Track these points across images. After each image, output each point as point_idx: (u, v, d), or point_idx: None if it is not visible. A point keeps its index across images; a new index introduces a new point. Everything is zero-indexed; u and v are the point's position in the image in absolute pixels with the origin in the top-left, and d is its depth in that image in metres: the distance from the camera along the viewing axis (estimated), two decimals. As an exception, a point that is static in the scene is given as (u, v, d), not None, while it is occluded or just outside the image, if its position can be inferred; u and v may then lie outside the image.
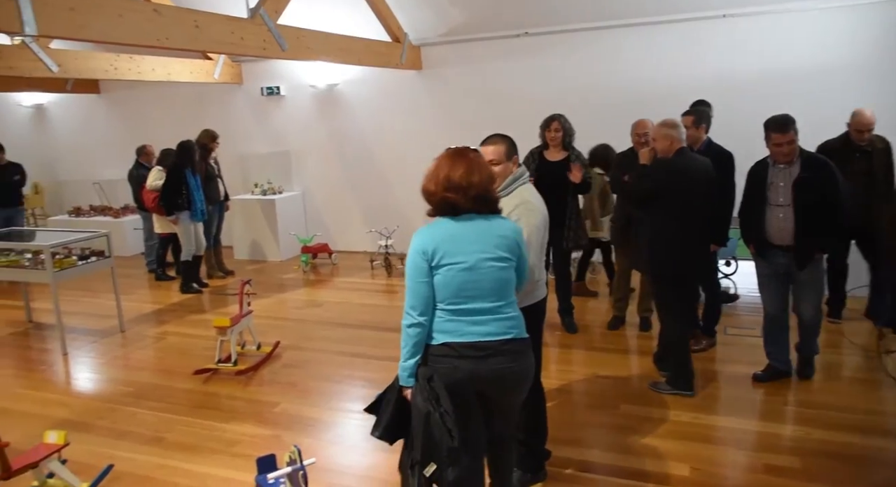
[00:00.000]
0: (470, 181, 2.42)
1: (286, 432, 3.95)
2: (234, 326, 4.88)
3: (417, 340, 2.45)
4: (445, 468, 2.32)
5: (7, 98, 10.88)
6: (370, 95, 8.38)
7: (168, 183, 6.91)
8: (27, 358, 5.48)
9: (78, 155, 10.65)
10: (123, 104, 10.13)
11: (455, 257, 2.40)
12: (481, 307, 2.43)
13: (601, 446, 3.63)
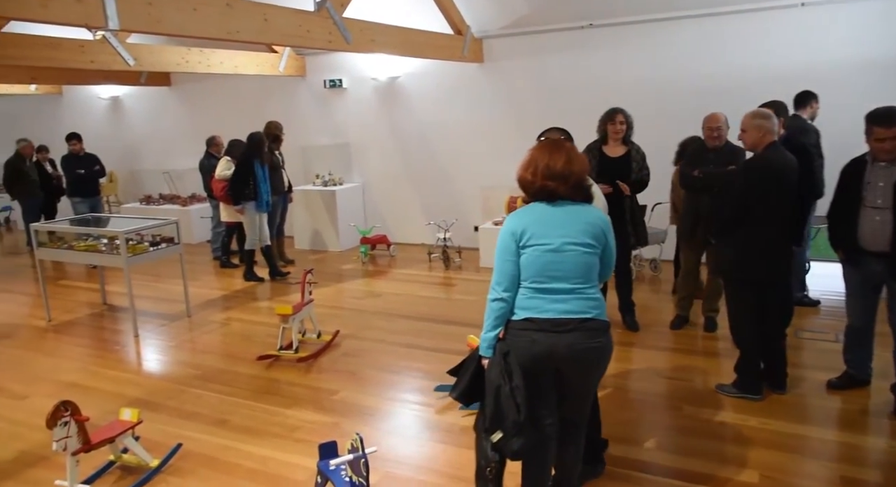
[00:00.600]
0: (571, 170, 2.56)
1: (345, 420, 4.01)
2: (295, 314, 4.98)
3: (499, 314, 2.59)
4: (510, 438, 2.46)
5: (87, 91, 11.41)
6: (431, 88, 8.39)
7: (237, 173, 7.09)
8: (103, 339, 5.73)
9: (149, 145, 11.07)
10: (193, 96, 10.47)
11: (542, 239, 2.53)
12: (563, 287, 2.54)
13: (662, 447, 3.54)
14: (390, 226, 8.94)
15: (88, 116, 11.57)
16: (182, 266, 6.18)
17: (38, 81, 9.78)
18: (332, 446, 2.98)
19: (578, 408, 2.76)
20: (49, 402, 4.22)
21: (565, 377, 2.62)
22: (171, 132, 10.79)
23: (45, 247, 6.20)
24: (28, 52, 6.07)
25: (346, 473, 2.84)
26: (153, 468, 3.46)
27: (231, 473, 3.45)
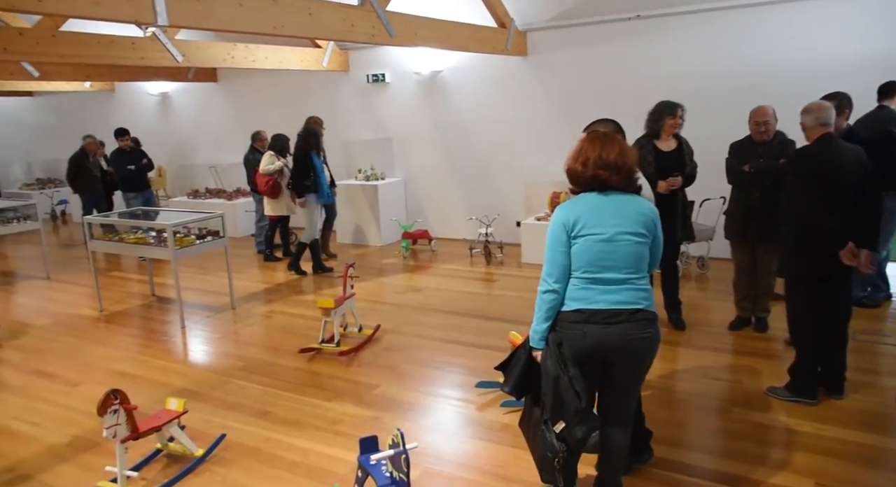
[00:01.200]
0: (624, 161, 2.57)
1: (385, 414, 4.00)
2: (337, 308, 5.00)
3: (551, 305, 2.59)
4: (573, 426, 2.50)
5: (138, 87, 11.71)
6: (474, 82, 8.33)
7: (296, 166, 7.15)
8: (151, 329, 5.87)
9: (196, 140, 11.31)
10: (238, 92, 10.64)
11: (594, 228, 2.52)
12: (615, 277, 2.53)
13: (709, 450, 3.43)
14: (432, 221, 8.93)
15: (139, 112, 11.88)
16: (227, 259, 6.28)
17: (92, 78, 10.07)
18: (373, 440, 2.97)
19: (624, 397, 2.75)
20: (100, 390, 4.34)
21: (613, 366, 2.61)
22: (217, 127, 11.00)
23: (97, 240, 6.38)
24: (83, 50, 6.23)
25: (386, 468, 2.83)
26: (198, 457, 3.51)
27: (273, 464, 3.48)
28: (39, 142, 14.01)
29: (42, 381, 4.74)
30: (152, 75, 9.96)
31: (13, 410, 4.28)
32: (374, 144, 9.17)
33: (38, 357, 5.23)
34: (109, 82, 11.69)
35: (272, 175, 7.42)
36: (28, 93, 13.18)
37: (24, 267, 8.64)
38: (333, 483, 3.26)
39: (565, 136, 7.34)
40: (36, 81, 9.30)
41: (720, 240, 6.06)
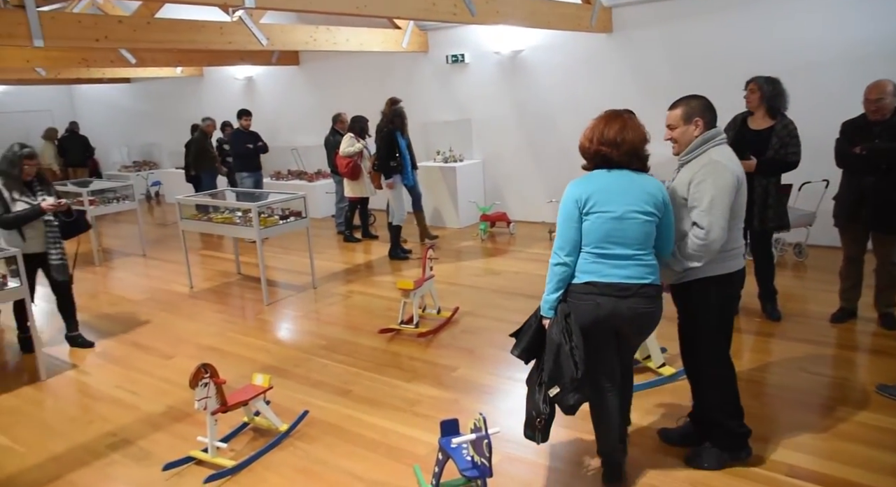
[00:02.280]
0: (623, 138, 2.69)
1: (465, 397, 3.97)
2: (416, 289, 5.00)
3: (561, 277, 2.75)
4: (567, 393, 2.67)
5: (224, 72, 12.11)
6: (556, 61, 8.11)
7: (382, 148, 7.12)
8: (237, 306, 6.08)
9: (279, 122, 11.57)
10: (319, 74, 10.80)
11: (605, 206, 2.66)
12: (624, 253, 2.68)
13: (812, 450, 3.20)
14: (510, 204, 8.81)
15: (225, 96, 12.29)
16: (309, 239, 6.41)
17: (183, 64, 10.48)
18: (454, 423, 2.94)
19: (629, 362, 3.06)
20: (191, 363, 4.50)
21: (622, 336, 2.83)
22: (299, 110, 11.22)
23: (187, 219, 6.64)
24: (176, 36, 6.45)
25: (467, 452, 2.79)
26: (282, 432, 3.60)
27: (354, 442, 3.51)
28: (136, 127, 14.76)
29: (139, 353, 4.99)
30: (238, 59, 10.26)
31: (116, 379, 4.53)
32: (453, 126, 9.11)
33: (135, 330, 5.51)
34: (199, 67, 12.15)
35: (352, 157, 7.49)
36: (126, 79, 13.88)
37: (122, 244, 9.15)
38: (413, 463, 3.26)
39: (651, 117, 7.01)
40: (132, 68, 9.76)
41: (821, 226, 5.67)
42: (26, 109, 15.05)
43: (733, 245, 2.87)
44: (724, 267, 2.88)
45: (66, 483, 3.29)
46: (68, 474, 3.37)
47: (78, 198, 8.11)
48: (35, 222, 4.69)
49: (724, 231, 2.74)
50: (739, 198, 2.83)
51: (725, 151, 2.85)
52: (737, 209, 2.83)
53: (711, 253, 2.78)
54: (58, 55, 8.41)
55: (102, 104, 15.32)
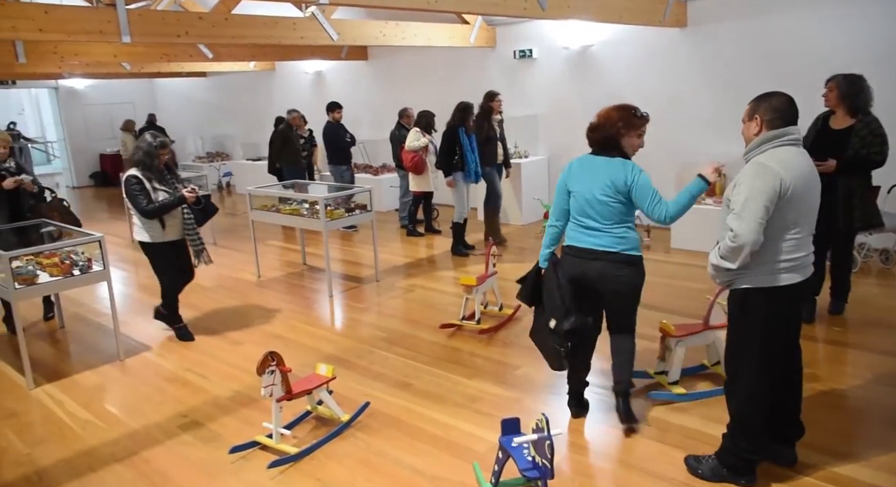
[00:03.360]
0: (598, 126, 3.29)
1: (526, 396, 3.94)
2: (479, 286, 4.99)
3: (552, 237, 3.45)
4: (560, 321, 3.22)
5: (295, 66, 12.38)
6: (626, 57, 7.92)
7: (442, 143, 7.12)
8: (302, 296, 6.21)
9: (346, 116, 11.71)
10: (387, 69, 10.91)
11: (576, 187, 3.31)
12: (593, 225, 3.26)
13: (884, 467, 3.01)
14: (574, 202, 8.67)
15: (296, 90, 12.58)
16: (373, 232, 6.49)
17: (257, 59, 10.77)
18: (515, 422, 2.91)
19: (623, 318, 3.44)
20: (258, 350, 4.62)
21: (601, 293, 3.33)
22: (366, 104, 11.36)
23: (256, 210, 6.83)
24: (251, 31, 6.63)
25: (528, 452, 2.77)
26: (344, 422, 3.65)
27: (414, 436, 3.54)
28: (210, 119, 15.30)
29: (210, 338, 5.17)
30: (309, 54, 10.46)
31: (187, 362, 4.71)
32: (519, 121, 9.02)
33: (206, 316, 5.72)
34: (271, 62, 12.47)
35: (417, 151, 7.53)
36: (202, 73, 14.39)
37: (195, 232, 9.49)
38: (473, 460, 3.25)
39: (726, 114, 6.81)
40: (209, 62, 10.11)
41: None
42: (111, 102, 15.84)
43: (787, 256, 2.70)
44: (773, 280, 2.72)
45: (141, 459, 3.45)
46: (143, 451, 3.52)
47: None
48: (174, 211, 4.83)
49: (755, 235, 2.61)
50: (793, 205, 2.64)
51: (783, 154, 2.67)
52: (792, 217, 2.66)
53: (743, 258, 2.66)
54: (142, 50, 8.79)
55: (180, 97, 15.95)
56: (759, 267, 2.73)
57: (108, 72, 11.89)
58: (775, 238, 2.68)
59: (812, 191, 2.71)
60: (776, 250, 2.69)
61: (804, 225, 2.71)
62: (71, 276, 4.60)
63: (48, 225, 5.32)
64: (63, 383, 4.45)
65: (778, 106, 2.71)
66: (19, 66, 9.29)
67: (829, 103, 4.43)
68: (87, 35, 5.50)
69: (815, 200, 2.74)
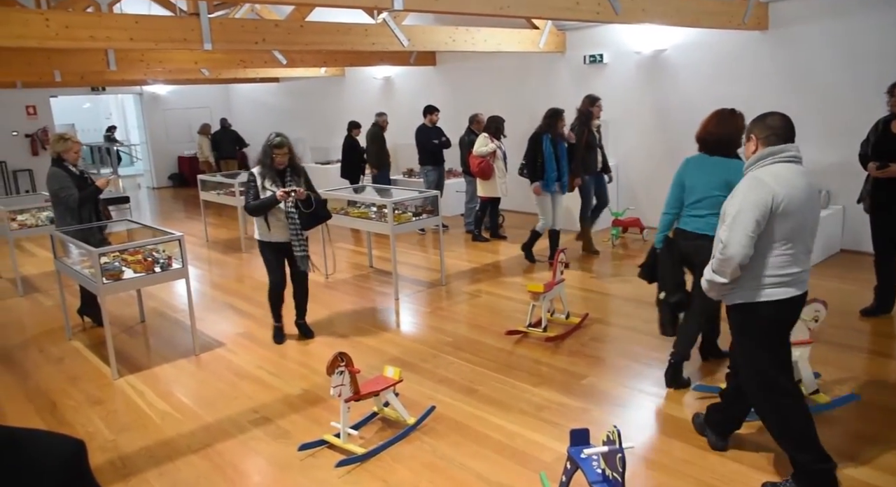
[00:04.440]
0: (713, 130, 3.79)
1: (594, 407, 3.86)
2: (546, 293, 4.93)
3: (665, 223, 3.98)
4: (670, 294, 3.84)
5: (365, 72, 12.61)
6: (701, 61, 7.68)
7: (527, 150, 6.85)
8: (369, 299, 6.30)
9: (415, 121, 11.84)
10: (455, 75, 10.96)
11: (691, 181, 3.84)
12: (700, 213, 3.77)
13: None
14: (644, 209, 8.45)
15: (365, 95, 12.80)
16: (440, 236, 6.54)
17: (328, 64, 11.02)
18: (584, 433, 2.85)
19: None
20: (326, 350, 4.73)
21: (696, 265, 3.75)
22: (434, 110, 11.43)
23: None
24: (325, 38, 6.80)
25: (598, 464, 2.70)
26: (410, 425, 3.67)
27: (480, 442, 3.52)
28: (282, 123, 15.73)
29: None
30: (378, 60, 10.64)
31: (257, 360, 4.85)
32: (587, 127, 8.89)
33: (276, 314, 5.86)
34: (341, 67, 12.74)
35: (484, 157, 7.52)
36: (275, 79, 14.85)
37: (266, 233, 9.77)
38: (539, 469, 3.21)
39: (807, 121, 6.50)
40: (282, 68, 10.41)
41: None
42: (189, 106, 16.54)
43: (780, 271, 2.77)
44: (767, 294, 2.79)
45: (214, 451, 3.56)
46: (216, 443, 3.64)
47: (230, 189, 8.79)
48: (278, 212, 4.81)
49: (744, 248, 2.70)
50: (788, 219, 2.71)
51: (778, 170, 2.74)
52: (785, 232, 2.73)
53: (733, 271, 2.77)
54: (220, 57, 9.14)
55: (253, 102, 16.50)
56: (750, 281, 2.80)
57: (188, 78, 12.43)
58: (766, 253, 2.75)
59: (807, 209, 2.76)
60: (766, 265, 2.77)
61: (798, 241, 2.77)
62: (153, 273, 4.82)
63: (132, 223, 5.59)
64: (143, 374, 4.65)
65: (773, 124, 2.81)
66: (110, 73, 9.81)
67: (894, 108, 4.56)
68: (172, 43, 5.76)
69: (810, 218, 2.80)
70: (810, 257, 2.88)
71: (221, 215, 11.36)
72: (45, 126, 14.23)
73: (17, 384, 4.59)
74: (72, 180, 5.26)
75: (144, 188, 16.32)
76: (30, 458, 1.52)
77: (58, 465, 1.54)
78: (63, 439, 1.62)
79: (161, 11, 10.77)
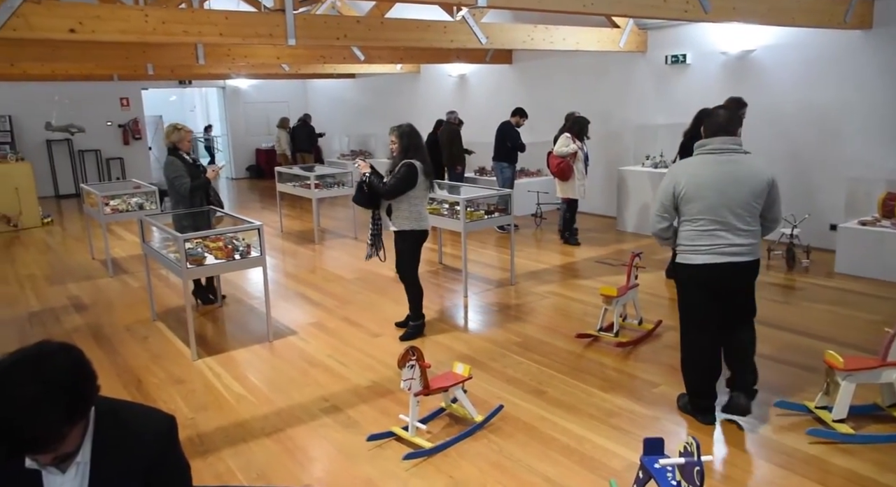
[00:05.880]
0: None
1: (665, 416, 3.74)
2: (619, 297, 4.82)
3: None
4: None
5: (440, 69, 12.68)
6: (794, 62, 7.32)
7: (680, 151, 6.29)
8: (438, 295, 6.32)
9: (489, 120, 11.83)
10: (531, 73, 10.86)
11: None
12: None
13: None
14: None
15: (439, 93, 12.87)
16: (511, 235, 6.49)
17: (404, 61, 11.14)
18: (659, 443, 2.77)
19: None
20: (395, 344, 4.78)
21: None
22: (509, 108, 11.34)
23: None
24: (404, 34, 6.86)
25: (673, 476, 2.61)
26: (477, 422, 3.66)
27: (547, 445, 3.47)
28: (355, 119, 16.05)
29: (349, 328, 5.39)
30: (455, 58, 10.67)
31: (328, 349, 4.95)
32: (666, 130, 8.64)
33: (346, 306, 5.97)
34: (416, 64, 12.85)
35: (565, 157, 7.41)
36: (351, 75, 15.13)
37: (337, 226, 9.99)
38: (607, 476, 3.14)
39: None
40: (360, 64, 10.59)
41: None
42: (268, 101, 17.07)
43: (685, 241, 3.48)
44: (680, 257, 3.54)
45: (286, 436, 3.65)
46: (288, 428, 3.73)
47: (305, 181, 9.01)
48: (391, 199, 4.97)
49: (653, 220, 3.57)
50: (687, 203, 3.42)
51: (689, 163, 3.55)
52: (687, 211, 3.44)
53: (654, 235, 3.65)
54: (301, 52, 9.37)
55: (329, 97, 16.87)
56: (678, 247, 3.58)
57: (269, 73, 12.82)
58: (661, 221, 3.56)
59: (702, 190, 3.38)
60: (679, 236, 3.54)
61: (698, 218, 3.40)
62: (232, 260, 4.99)
63: (215, 212, 5.80)
64: (220, 357, 4.83)
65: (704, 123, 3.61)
66: (197, 67, 10.24)
67: None
68: (258, 38, 5.94)
69: (703, 198, 3.38)
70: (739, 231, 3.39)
71: (295, 207, 11.68)
72: (135, 117, 15.00)
73: (107, 358, 4.85)
74: (185, 168, 5.58)
75: (223, 178, 16.95)
76: (129, 428, 1.59)
77: (153, 437, 1.61)
78: (158, 413, 1.69)
79: (247, 8, 11.15)
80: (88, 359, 1.55)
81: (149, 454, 1.59)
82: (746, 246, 3.40)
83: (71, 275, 7.33)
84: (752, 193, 3.38)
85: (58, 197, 13.94)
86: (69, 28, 4.91)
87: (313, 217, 8.99)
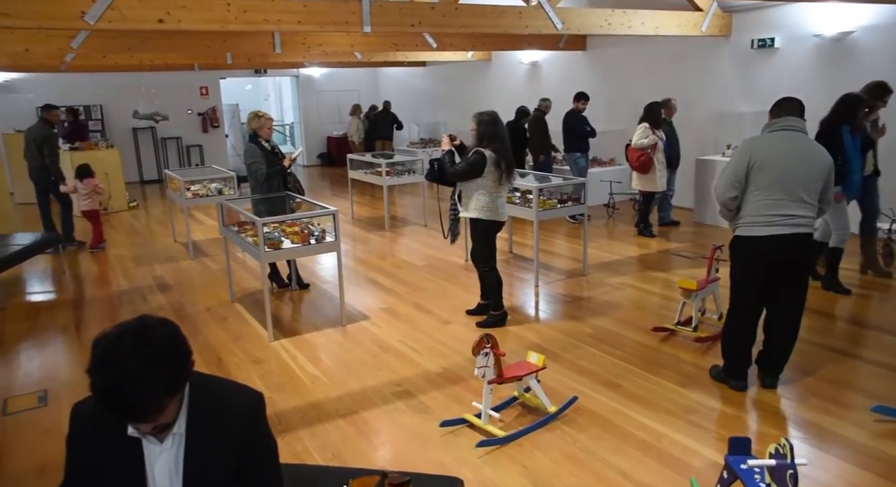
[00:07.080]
0: None
1: (748, 415, 3.59)
2: (699, 291, 4.64)
3: None
4: None
5: (511, 56, 12.53)
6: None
7: (819, 138, 5.38)
8: (507, 284, 6.20)
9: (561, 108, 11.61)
10: (606, 60, 10.58)
11: None
12: None
13: None
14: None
15: (510, 80, 12.73)
16: (585, 225, 6.35)
17: (476, 48, 11.05)
18: (746, 443, 2.65)
19: None
20: (465, 331, 4.76)
21: None
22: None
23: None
24: (479, 21, 6.79)
25: (762, 478, 2.49)
26: (550, 413, 3.60)
27: (623, 439, 3.38)
28: (425, 107, 16.09)
29: (420, 314, 5.42)
30: (528, 44, 10.50)
31: (399, 334, 4.98)
32: (749, 118, 8.24)
33: (417, 293, 6.00)
34: (488, 52, 12.74)
35: (644, 149, 7.16)
36: (422, 63, 15.16)
37: (407, 213, 10.07)
38: (688, 475, 3.02)
39: None
40: (431, 52, 10.58)
41: None
42: (340, 89, 17.33)
43: (752, 213, 3.60)
44: (743, 230, 3.68)
45: (360, 418, 3.70)
46: (362, 411, 3.78)
47: (377, 169, 9.10)
48: None
49: (723, 189, 3.69)
50: (759, 173, 3.55)
51: (764, 136, 3.75)
52: (758, 181, 3.56)
53: (719, 204, 3.82)
54: (374, 40, 9.44)
55: (399, 85, 16.97)
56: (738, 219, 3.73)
57: (341, 61, 12.99)
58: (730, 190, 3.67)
59: (773, 163, 3.54)
60: (745, 207, 3.67)
61: (767, 188, 3.55)
62: (308, 245, 5.08)
63: (292, 198, 5.93)
64: (295, 340, 4.94)
65: (779, 104, 3.78)
66: (273, 55, 10.48)
67: None
68: (335, 26, 6.01)
69: (774, 171, 3.54)
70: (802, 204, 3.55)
71: (365, 194, 11.83)
72: (213, 105, 15.53)
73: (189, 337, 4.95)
74: (263, 155, 5.73)
75: (297, 165, 17.35)
76: (221, 403, 1.63)
77: (243, 413, 1.65)
78: (247, 390, 1.73)
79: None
80: (185, 335, 1.60)
81: (240, 428, 1.62)
82: (809, 219, 3.59)
83: (155, 257, 7.67)
84: (819, 172, 3.56)
85: (142, 182, 14.63)
86: (158, 18, 5.10)
87: (384, 204, 9.07)
